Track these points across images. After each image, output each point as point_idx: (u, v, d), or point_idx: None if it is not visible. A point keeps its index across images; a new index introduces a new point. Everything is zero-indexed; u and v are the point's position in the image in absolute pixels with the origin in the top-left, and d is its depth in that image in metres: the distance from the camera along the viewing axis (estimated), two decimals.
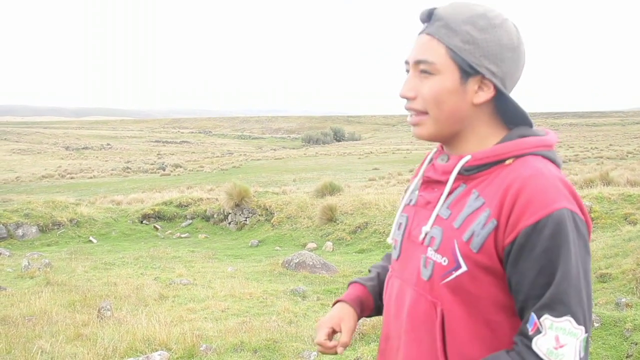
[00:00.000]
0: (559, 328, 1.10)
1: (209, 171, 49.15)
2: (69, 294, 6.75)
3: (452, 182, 1.28)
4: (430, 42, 1.25)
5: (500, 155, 1.23)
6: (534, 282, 1.13)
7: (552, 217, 1.11)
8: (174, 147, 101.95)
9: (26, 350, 4.51)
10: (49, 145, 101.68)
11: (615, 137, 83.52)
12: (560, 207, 1.12)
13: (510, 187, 1.17)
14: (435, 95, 1.24)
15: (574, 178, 18.72)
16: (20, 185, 41.44)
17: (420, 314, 1.29)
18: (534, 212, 1.12)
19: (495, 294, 1.21)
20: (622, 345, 4.10)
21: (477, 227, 1.19)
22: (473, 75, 1.24)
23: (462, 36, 1.22)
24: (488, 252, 1.18)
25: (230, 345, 4.74)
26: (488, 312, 1.21)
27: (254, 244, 12.25)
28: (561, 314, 1.10)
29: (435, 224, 1.28)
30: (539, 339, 1.11)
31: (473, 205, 1.22)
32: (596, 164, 35.18)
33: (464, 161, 1.26)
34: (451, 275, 1.22)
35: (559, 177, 1.19)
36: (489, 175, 1.24)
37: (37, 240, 13.00)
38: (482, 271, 1.19)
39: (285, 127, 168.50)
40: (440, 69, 1.23)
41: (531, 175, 1.17)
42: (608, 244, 7.11)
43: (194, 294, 6.91)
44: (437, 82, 1.24)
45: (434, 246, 1.26)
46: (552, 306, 1.11)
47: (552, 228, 1.11)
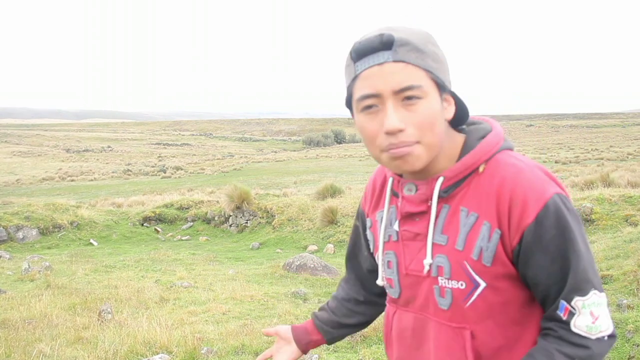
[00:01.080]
0: (590, 304, 1.17)
1: (210, 173, 49.17)
2: (70, 297, 6.74)
3: (435, 207, 1.26)
4: (405, 68, 1.17)
5: (471, 166, 1.24)
6: (550, 270, 1.18)
7: (548, 207, 1.16)
8: (175, 150, 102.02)
9: (26, 354, 4.50)
10: (50, 147, 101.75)
11: (616, 139, 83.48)
12: (550, 196, 1.17)
13: (501, 193, 1.19)
14: (430, 120, 1.18)
15: (575, 179, 18.71)
16: (21, 188, 41.46)
17: (447, 343, 1.29)
18: (531, 209, 1.16)
19: (516, 293, 1.24)
20: (624, 347, 4.09)
21: (483, 242, 1.20)
22: (444, 92, 1.23)
23: (432, 56, 1.20)
24: (501, 261, 1.21)
25: (231, 348, 4.73)
26: (513, 311, 1.25)
27: (255, 246, 12.24)
28: (588, 291, 1.17)
29: (436, 253, 1.27)
30: (576, 320, 1.18)
31: (468, 223, 1.22)
32: (597, 165, 35.15)
33: (440, 184, 1.25)
34: (473, 295, 1.24)
35: (535, 165, 1.22)
36: (467, 187, 1.24)
37: (37, 242, 12.99)
38: (500, 280, 1.22)
39: (286, 129, 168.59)
40: (426, 91, 1.18)
41: (514, 174, 1.20)
42: (609, 245, 7.10)
43: (195, 297, 6.90)
44: (428, 105, 1.18)
45: (445, 274, 1.26)
46: (579, 287, 1.17)
47: (551, 217, 1.16)
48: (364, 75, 1.20)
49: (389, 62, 1.17)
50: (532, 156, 51.46)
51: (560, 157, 47.05)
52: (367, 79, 1.19)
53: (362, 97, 1.21)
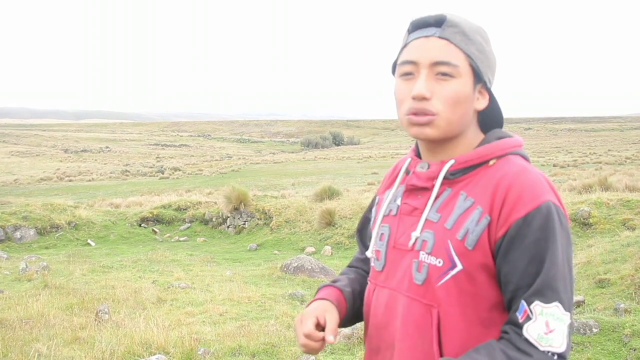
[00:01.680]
0: (549, 314, 1.15)
1: (208, 175, 49.15)
2: (67, 297, 6.73)
3: (438, 186, 1.31)
4: (447, 46, 1.27)
5: (484, 157, 1.29)
6: (525, 271, 1.18)
7: (540, 209, 1.18)
8: (173, 151, 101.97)
9: (23, 354, 4.50)
10: (48, 147, 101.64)
11: (614, 143, 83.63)
12: (546, 200, 1.19)
13: (500, 184, 1.23)
14: (456, 98, 1.27)
15: (573, 183, 18.71)
16: (19, 188, 41.40)
17: (415, 319, 1.30)
18: (524, 205, 1.19)
19: (488, 290, 1.25)
20: (620, 351, 4.10)
21: (471, 224, 1.23)
22: (478, 83, 1.31)
23: (476, 45, 1.29)
24: (482, 248, 1.22)
25: (228, 349, 4.73)
26: (482, 310, 1.25)
27: (252, 247, 12.23)
28: (550, 300, 1.16)
29: (425, 228, 1.31)
30: (529, 325, 1.16)
31: (463, 206, 1.26)
32: (595, 169, 35.19)
33: (449, 165, 1.30)
34: (447, 275, 1.25)
35: (541, 174, 1.26)
36: (474, 177, 1.29)
37: (35, 242, 12.97)
38: (477, 268, 1.23)
39: (284, 131, 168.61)
40: (461, 73, 1.27)
41: (518, 171, 1.24)
42: (607, 249, 7.11)
43: (192, 298, 6.89)
44: (459, 85, 1.27)
45: (427, 249, 1.29)
46: (543, 292, 1.16)
47: (540, 220, 1.17)
48: (411, 44, 1.31)
49: (435, 37, 1.28)
50: (530, 160, 51.54)
51: (558, 161, 47.09)
52: (412, 47, 1.31)
53: (402, 62, 1.32)
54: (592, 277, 6.24)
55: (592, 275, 6.30)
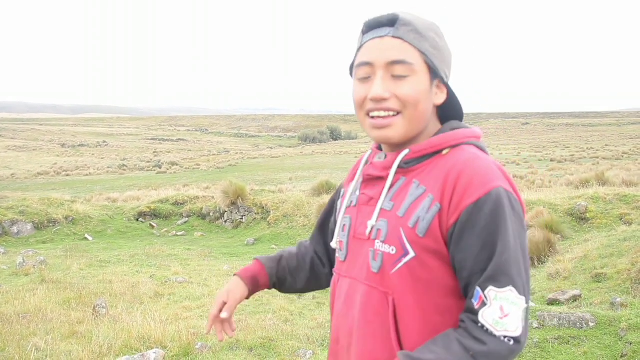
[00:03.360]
0: (503, 298, 1.16)
1: (205, 169, 49.10)
2: (64, 292, 6.73)
3: (393, 175, 1.33)
4: (402, 45, 1.28)
5: (437, 146, 1.31)
6: (477, 257, 1.19)
7: (490, 195, 1.19)
8: (171, 145, 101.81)
9: (20, 348, 4.50)
10: (45, 142, 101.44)
11: (611, 138, 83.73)
12: (497, 186, 1.20)
13: (451, 172, 1.24)
14: (415, 96, 1.29)
15: (570, 178, 18.74)
16: (16, 182, 41.32)
17: (373, 307, 1.32)
18: (474, 191, 1.19)
19: (443, 277, 1.25)
20: (617, 345, 4.11)
21: (421, 212, 1.25)
22: (435, 79, 1.33)
23: (431, 42, 1.30)
24: (434, 235, 1.23)
25: (225, 344, 4.73)
26: (437, 296, 1.26)
27: (250, 242, 12.24)
28: (504, 285, 1.16)
29: (380, 217, 1.32)
30: (484, 310, 1.17)
31: (415, 194, 1.28)
32: (592, 164, 35.25)
33: (404, 154, 1.32)
34: (400, 262, 1.27)
35: (492, 161, 1.26)
36: (427, 165, 1.31)
37: (32, 237, 12.96)
38: (430, 255, 1.24)
39: (282, 125, 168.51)
40: (417, 71, 1.29)
41: (469, 159, 1.25)
42: (603, 243, 7.12)
43: (190, 292, 6.90)
44: (415, 83, 1.28)
45: (381, 237, 1.30)
46: (496, 277, 1.17)
47: (491, 205, 1.18)
48: (366, 45, 1.33)
49: (389, 37, 1.29)
50: (527, 154, 51.57)
51: (555, 156, 47.14)
52: (367, 49, 1.32)
53: (358, 64, 1.33)
54: (588, 272, 6.26)
55: (588, 270, 6.32)
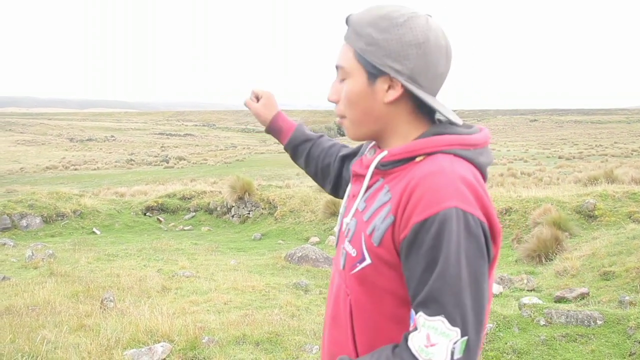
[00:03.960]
0: (431, 327, 1.10)
1: (213, 164, 49.20)
2: (73, 285, 6.76)
3: (369, 176, 1.30)
4: (344, 47, 1.30)
5: (411, 152, 1.24)
6: (420, 279, 1.13)
7: (438, 216, 1.10)
8: (178, 140, 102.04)
9: (30, 340, 4.52)
10: (53, 136, 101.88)
11: (620, 135, 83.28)
12: (448, 207, 1.11)
13: (409, 184, 1.17)
14: (348, 98, 1.29)
15: (578, 175, 18.67)
16: (25, 176, 41.55)
17: (340, 302, 1.33)
18: (423, 210, 1.12)
19: (398, 288, 1.21)
20: (625, 343, 4.10)
21: (378, 221, 1.21)
22: (380, 76, 1.25)
23: (365, 38, 1.25)
24: (387, 247, 1.19)
25: (232, 338, 4.75)
26: (393, 306, 1.23)
27: (257, 237, 12.26)
28: (434, 313, 1.09)
29: (354, 216, 1.32)
30: (414, 335, 1.12)
31: (381, 200, 1.24)
32: (600, 161, 35.09)
33: (381, 156, 1.28)
34: (357, 266, 1.25)
35: (460, 176, 1.15)
36: (402, 171, 1.24)
37: (41, 231, 13.04)
38: (384, 265, 1.21)
39: None
40: (350, 72, 1.28)
41: (429, 173, 1.16)
42: (612, 241, 7.09)
43: (197, 287, 6.91)
44: (349, 85, 1.28)
45: (348, 237, 1.30)
46: (426, 304, 1.11)
47: (436, 227, 1.10)
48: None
49: (344, 40, 1.31)
50: (535, 151, 51.35)
51: (563, 153, 46.95)
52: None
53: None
54: (596, 270, 6.24)
55: (596, 268, 6.29)
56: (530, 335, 4.37)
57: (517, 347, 4.20)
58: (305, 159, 1.86)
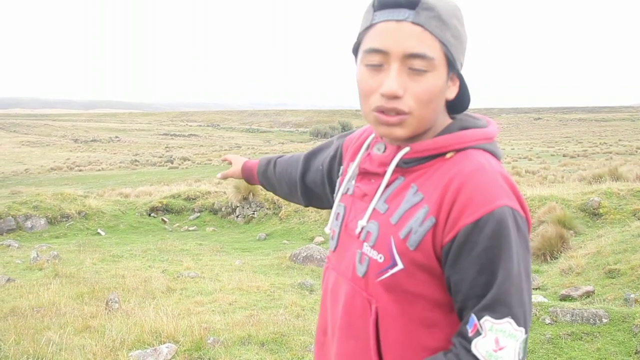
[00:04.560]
0: (499, 330, 1.06)
1: (217, 164, 49.23)
2: (77, 286, 6.78)
3: (389, 175, 1.22)
4: (422, 34, 1.11)
5: (441, 148, 1.17)
6: (474, 281, 1.08)
7: (493, 215, 1.06)
8: (182, 140, 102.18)
9: (35, 341, 4.54)
10: (58, 137, 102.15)
11: (625, 133, 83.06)
12: (501, 205, 1.07)
13: (451, 183, 1.11)
14: (430, 94, 1.13)
15: (583, 173, 18.61)
16: (29, 178, 41.67)
17: (356, 310, 1.25)
18: (475, 210, 1.07)
19: (432, 291, 1.16)
20: (630, 341, 4.09)
21: (415, 224, 1.14)
22: (451, 72, 1.18)
23: (452, 31, 1.14)
24: (425, 250, 1.13)
25: (237, 338, 4.75)
26: (424, 309, 1.17)
27: (261, 237, 12.26)
28: (502, 316, 1.06)
29: (372, 218, 1.23)
30: (478, 341, 1.07)
31: (412, 201, 1.16)
32: (605, 159, 35.00)
33: (403, 153, 1.20)
34: (387, 272, 1.17)
35: (500, 173, 1.12)
36: (429, 168, 1.17)
37: (45, 232, 13.07)
38: (419, 269, 1.15)
39: (293, 120, 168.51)
40: (436, 65, 1.13)
41: (473, 170, 1.11)
42: (617, 239, 7.07)
43: (202, 287, 6.92)
44: (434, 79, 1.13)
45: (370, 242, 1.21)
46: (493, 307, 1.06)
47: (493, 226, 1.06)
48: (379, 27, 1.14)
49: (408, 22, 1.11)
50: (539, 149, 51.25)
51: (568, 151, 46.84)
52: (381, 32, 1.14)
53: (369, 50, 1.15)
54: (601, 267, 6.22)
55: (601, 266, 6.28)
56: (535, 333, 4.36)
57: None
58: (275, 182, 1.87)
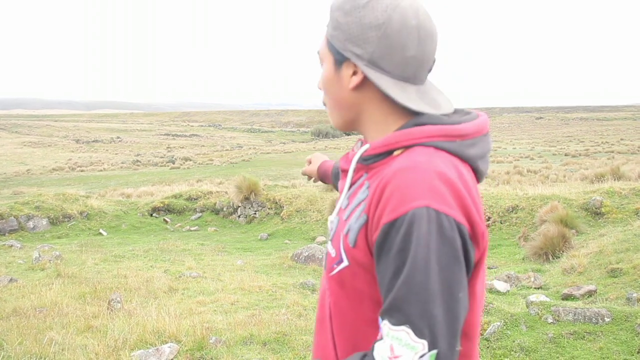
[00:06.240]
0: (395, 337, 0.99)
1: (219, 164, 49.25)
2: (80, 286, 6.79)
3: (351, 171, 1.23)
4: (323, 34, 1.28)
5: (388, 145, 1.15)
6: (388, 284, 1.03)
7: (407, 216, 1.01)
8: (184, 141, 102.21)
9: (37, 342, 4.54)
10: (60, 138, 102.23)
11: (627, 132, 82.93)
12: (418, 206, 1.01)
13: (382, 180, 1.09)
14: (322, 84, 1.26)
15: (585, 172, 18.59)
16: (31, 178, 41.70)
17: (324, 303, 1.28)
18: (393, 209, 1.03)
19: (375, 291, 1.13)
20: (633, 341, 4.08)
21: (353, 221, 1.14)
22: (345, 61, 1.19)
23: (332, 23, 1.21)
24: (362, 248, 1.12)
25: (239, 338, 4.75)
26: (369, 310, 1.15)
27: (263, 237, 12.26)
28: (399, 323, 0.99)
29: (338, 214, 1.24)
30: (378, 345, 1.02)
31: (360, 198, 1.16)
32: (607, 158, 34.96)
33: (362, 150, 1.20)
34: (335, 268, 1.19)
35: (437, 172, 1.05)
36: (383, 166, 1.16)
37: (47, 232, 13.09)
38: (360, 267, 1.13)
39: (294, 120, 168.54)
40: (322, 58, 1.26)
41: (402, 168, 1.07)
42: (619, 238, 7.06)
43: (204, 287, 6.92)
44: (323, 71, 1.26)
45: (330, 237, 1.25)
46: (390, 312, 1.00)
47: (406, 228, 1.00)
48: None
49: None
50: (541, 149, 51.18)
51: (570, 150, 46.79)
52: None
53: None
54: (604, 267, 6.21)
55: (604, 265, 6.27)
56: (538, 333, 4.35)
57: (524, 345, 4.19)
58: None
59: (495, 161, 37.02)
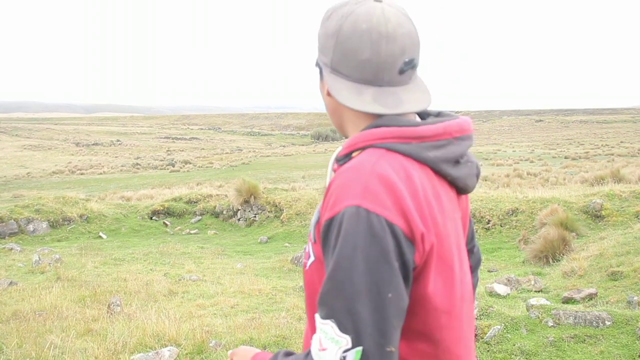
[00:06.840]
0: (322, 330, 1.04)
1: (218, 167, 49.27)
2: (79, 290, 6.78)
3: (329, 171, 1.29)
4: None
5: (350, 146, 1.19)
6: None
7: (338, 215, 1.05)
8: (184, 144, 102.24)
9: (37, 345, 4.53)
10: (60, 141, 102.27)
11: (627, 134, 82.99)
12: (349, 205, 1.04)
13: (332, 181, 1.14)
14: (321, 92, 1.31)
15: (585, 175, 18.59)
16: (31, 181, 41.72)
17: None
18: (331, 208, 1.08)
19: None
20: (634, 344, 4.07)
21: (314, 217, 1.22)
22: (324, 70, 1.26)
23: (319, 36, 1.27)
24: (319, 243, 1.15)
25: (239, 342, 4.74)
26: None
27: (263, 240, 12.26)
28: (325, 316, 1.03)
29: (319, 210, 1.25)
30: (314, 336, 1.07)
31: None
32: (607, 161, 34.98)
33: (337, 151, 1.26)
34: (307, 263, 1.25)
35: (378, 173, 1.07)
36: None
37: (47, 235, 13.08)
38: (322, 262, 1.17)
39: (294, 123, 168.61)
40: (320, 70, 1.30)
41: (345, 169, 1.12)
42: (619, 241, 7.05)
43: (203, 290, 6.92)
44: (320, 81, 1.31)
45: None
46: (320, 305, 1.06)
47: (337, 226, 1.04)
48: None
49: None
50: (541, 152, 51.19)
51: (570, 153, 46.81)
52: None
53: None
54: (604, 270, 6.20)
55: (604, 268, 6.26)
56: (538, 336, 4.34)
57: (525, 349, 4.18)
58: None
59: (495, 164, 37.05)
